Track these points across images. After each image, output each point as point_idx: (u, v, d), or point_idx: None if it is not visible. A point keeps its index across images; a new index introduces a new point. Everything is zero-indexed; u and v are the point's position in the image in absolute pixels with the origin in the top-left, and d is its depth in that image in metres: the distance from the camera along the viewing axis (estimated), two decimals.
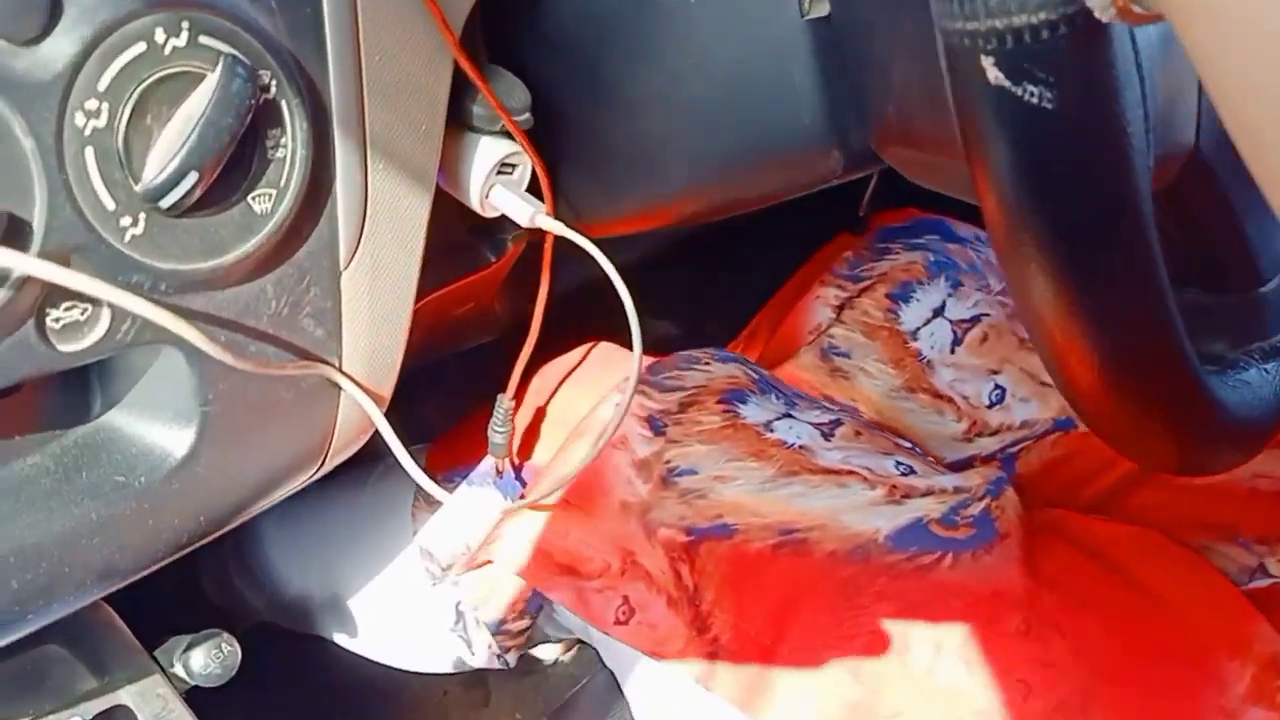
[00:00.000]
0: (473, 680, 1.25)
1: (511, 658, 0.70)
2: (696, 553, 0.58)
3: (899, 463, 0.60)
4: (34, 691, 0.58)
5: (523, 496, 0.64)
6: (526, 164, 0.54)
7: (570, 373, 0.70)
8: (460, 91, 0.49)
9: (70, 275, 0.33)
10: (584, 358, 0.71)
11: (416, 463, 0.75)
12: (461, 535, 0.68)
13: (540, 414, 0.69)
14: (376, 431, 0.49)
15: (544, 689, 1.27)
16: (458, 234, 0.60)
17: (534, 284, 0.61)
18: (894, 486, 0.58)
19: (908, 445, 0.65)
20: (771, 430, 0.62)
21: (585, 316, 0.75)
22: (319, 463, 0.47)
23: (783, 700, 0.55)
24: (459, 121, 0.51)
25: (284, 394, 0.44)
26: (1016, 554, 0.55)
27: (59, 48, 0.33)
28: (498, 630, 0.66)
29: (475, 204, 0.53)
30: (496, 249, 0.61)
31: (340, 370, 0.46)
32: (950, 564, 0.55)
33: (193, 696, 0.64)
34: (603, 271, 0.54)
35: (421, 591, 0.73)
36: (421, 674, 0.87)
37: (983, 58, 0.32)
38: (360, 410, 0.47)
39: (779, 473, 0.59)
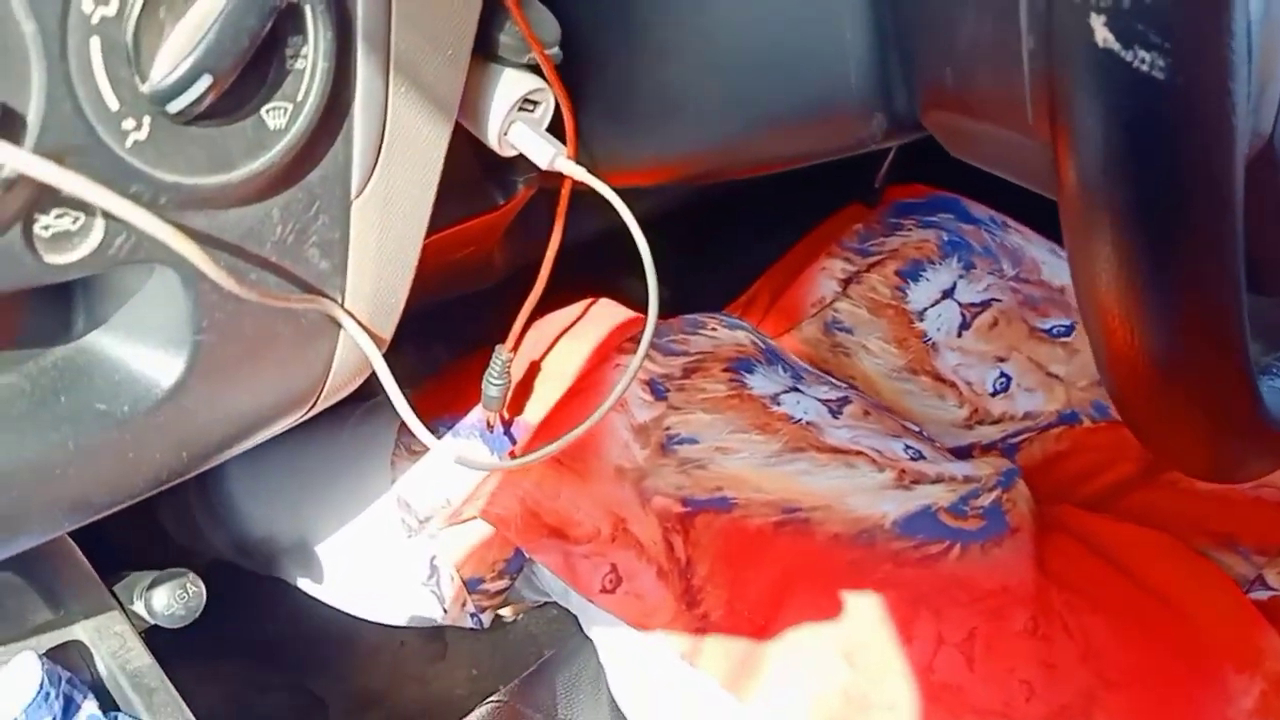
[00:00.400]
0: (431, 633, 1.23)
1: (486, 618, 0.68)
2: (692, 524, 0.56)
3: (908, 446, 0.58)
4: None
5: (512, 454, 0.61)
6: (550, 102, 0.51)
7: (568, 328, 0.67)
8: (488, 18, 0.46)
9: (69, 177, 0.29)
10: (583, 313, 0.68)
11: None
12: (444, 487, 0.65)
13: (534, 369, 0.66)
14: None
15: (502, 647, 1.25)
16: (468, 172, 0.57)
17: (537, 232, 0.58)
18: (903, 471, 0.56)
19: (915, 429, 0.63)
20: (779, 404, 0.60)
21: (585, 270, 0.72)
22: (311, 403, 0.44)
23: (773, 681, 0.53)
24: (483, 51, 0.48)
25: (281, 328, 0.40)
26: (1027, 549, 0.53)
27: None
28: (475, 589, 0.64)
29: (493, 140, 0.50)
30: (506, 191, 0.58)
31: (343, 307, 0.42)
32: (958, 555, 0.54)
33: (150, 635, 0.61)
34: (609, 224, 0.52)
35: (395, 542, 0.70)
36: (380, 623, 0.84)
37: (1094, 16, 0.30)
38: (359, 351, 0.44)
39: (785, 448, 0.57)
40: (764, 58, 0.49)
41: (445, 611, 0.69)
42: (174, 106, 0.33)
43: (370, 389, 0.55)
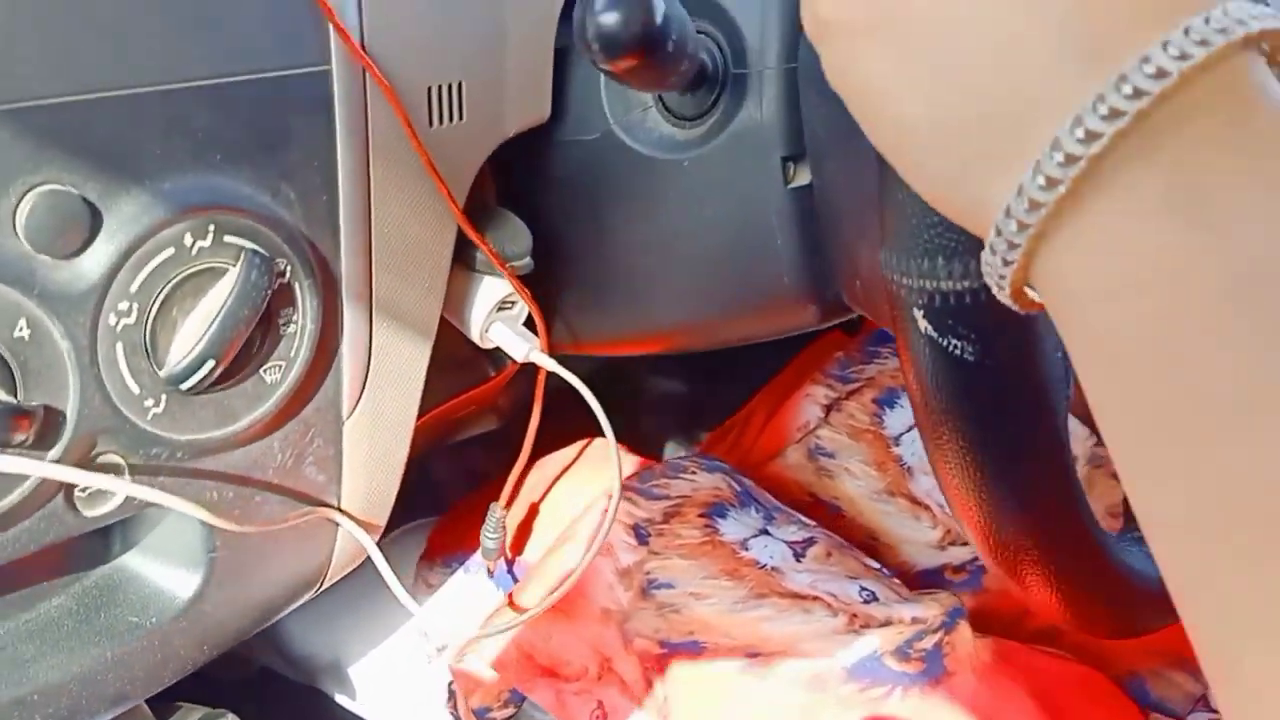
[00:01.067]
0: None
1: None
2: (668, 665, 0.61)
3: (863, 588, 0.63)
4: None
5: (511, 595, 0.68)
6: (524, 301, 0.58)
7: (565, 470, 0.74)
8: (466, 237, 0.53)
9: (86, 476, 0.37)
10: (579, 454, 0.75)
11: (420, 539, 0.79)
12: (455, 622, 0.72)
13: (534, 511, 0.73)
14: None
15: None
16: (462, 352, 0.63)
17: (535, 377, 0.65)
18: (854, 615, 0.61)
19: (875, 566, 0.68)
20: (747, 549, 0.66)
21: (584, 411, 0.79)
22: (316, 588, 0.51)
23: None
24: (465, 263, 0.55)
25: (285, 534, 0.47)
26: (963, 692, 0.58)
27: (97, 259, 0.37)
28: (483, 717, 0.70)
29: (476, 338, 0.57)
30: (497, 364, 0.65)
31: (339, 509, 0.49)
32: (900, 697, 0.58)
33: None
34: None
35: (417, 667, 0.77)
36: None
37: (915, 309, 0.36)
38: (355, 540, 0.51)
39: (750, 594, 0.63)
40: (708, 257, 0.56)
41: None
42: (185, 385, 0.40)
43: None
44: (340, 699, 0.89)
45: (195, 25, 0.38)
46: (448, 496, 0.88)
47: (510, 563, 0.72)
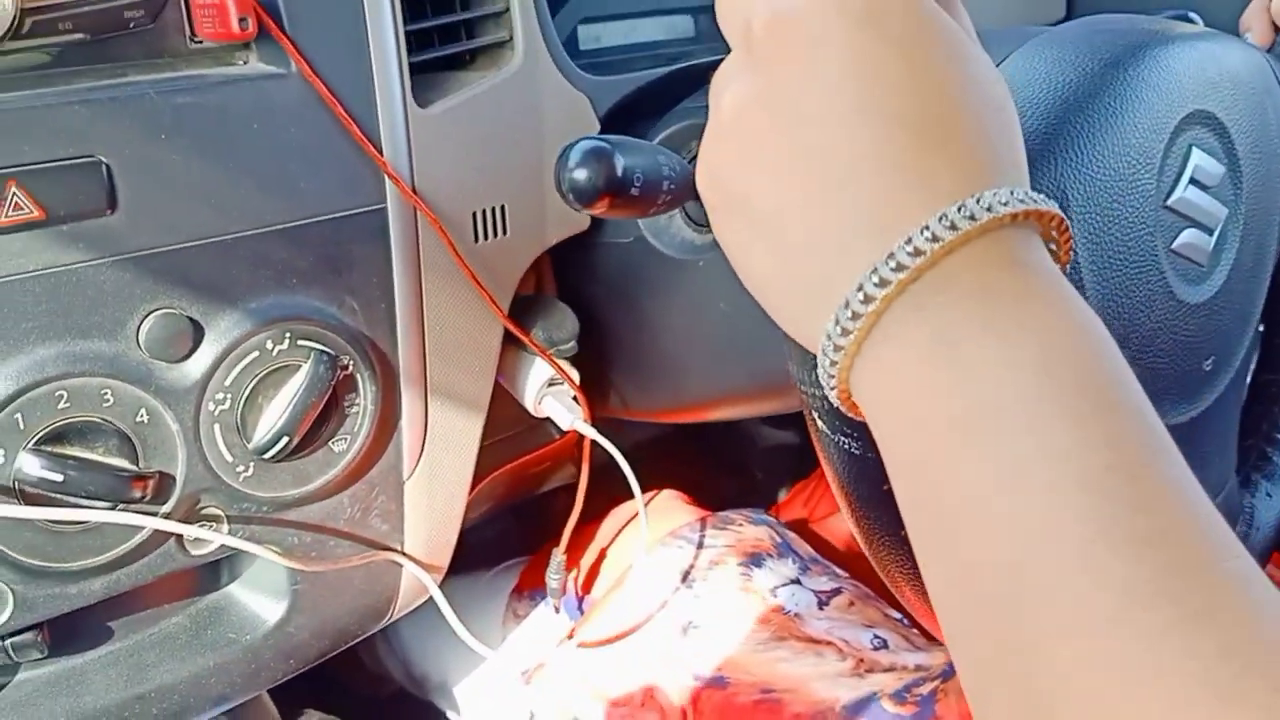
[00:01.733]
0: None
1: None
2: (699, 697, 0.70)
3: (876, 635, 0.70)
4: None
5: (574, 628, 0.78)
6: (575, 377, 0.68)
7: (633, 518, 0.83)
8: (524, 324, 0.63)
9: (183, 527, 0.49)
10: (647, 503, 0.84)
11: (513, 577, 0.90)
12: (533, 649, 0.82)
13: (603, 554, 0.82)
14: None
15: None
16: (528, 418, 0.74)
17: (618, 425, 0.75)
18: (861, 660, 0.68)
19: (896, 616, 0.74)
20: (775, 595, 0.73)
21: (657, 463, 0.88)
22: (386, 619, 0.62)
23: None
24: (521, 346, 0.66)
25: (355, 574, 0.59)
26: None
27: (199, 363, 0.49)
28: None
29: (531, 409, 0.68)
30: (561, 430, 0.75)
31: (402, 553, 0.60)
32: None
33: None
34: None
35: (509, 688, 0.88)
36: None
37: (813, 411, 0.44)
38: (419, 580, 0.62)
39: (771, 637, 0.71)
40: (726, 345, 0.65)
41: None
42: (268, 455, 0.52)
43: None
44: (452, 716, 1.01)
45: (275, 182, 0.49)
46: (538, 540, 0.99)
47: (580, 599, 0.82)
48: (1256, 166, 0.53)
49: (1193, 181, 0.51)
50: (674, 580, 0.76)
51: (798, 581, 0.75)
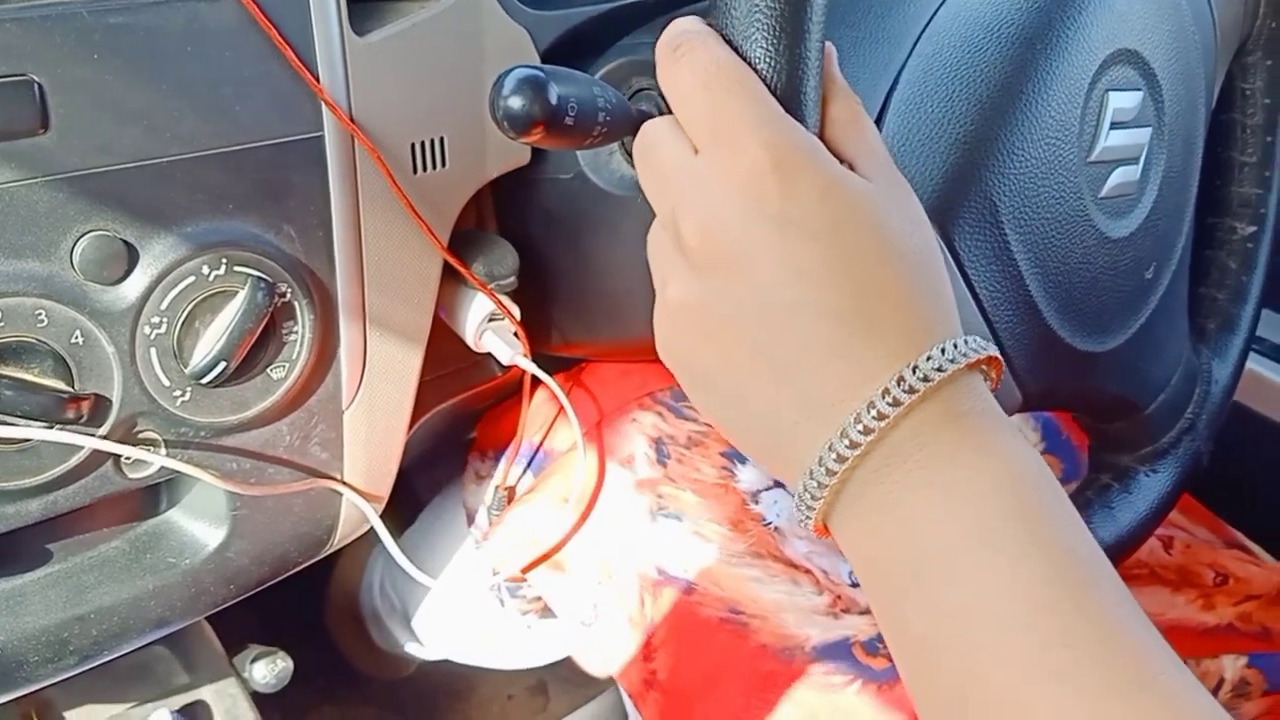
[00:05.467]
0: (536, 687, 1.41)
1: (531, 619, 0.82)
2: (660, 593, 0.68)
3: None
4: (141, 681, 0.76)
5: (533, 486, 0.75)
6: (515, 312, 0.69)
7: (606, 372, 0.79)
8: (464, 258, 0.64)
9: (123, 448, 0.49)
10: (622, 366, 0.79)
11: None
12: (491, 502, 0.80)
13: (572, 401, 0.77)
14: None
15: (595, 692, 1.41)
16: (469, 354, 0.75)
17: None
18: (839, 597, 0.66)
19: None
20: (757, 502, 0.70)
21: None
22: (327, 547, 0.63)
23: None
24: (462, 280, 0.66)
25: (295, 500, 0.59)
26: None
27: (134, 285, 0.49)
28: (515, 594, 0.79)
29: (471, 344, 0.68)
30: (503, 365, 0.76)
31: (342, 482, 0.61)
32: (858, 690, 0.62)
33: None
34: None
35: (469, 555, 0.86)
36: (488, 676, 1.03)
37: None
38: (359, 509, 0.63)
39: (747, 551, 0.67)
40: None
41: (504, 609, 0.84)
42: (205, 380, 0.52)
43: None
44: (425, 641, 1.00)
45: (209, 106, 0.50)
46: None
47: (535, 449, 0.79)
48: (1171, 65, 0.54)
49: (1113, 126, 0.52)
50: (648, 449, 0.72)
51: (781, 485, 0.71)
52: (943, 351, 0.36)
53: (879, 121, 0.50)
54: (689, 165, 0.39)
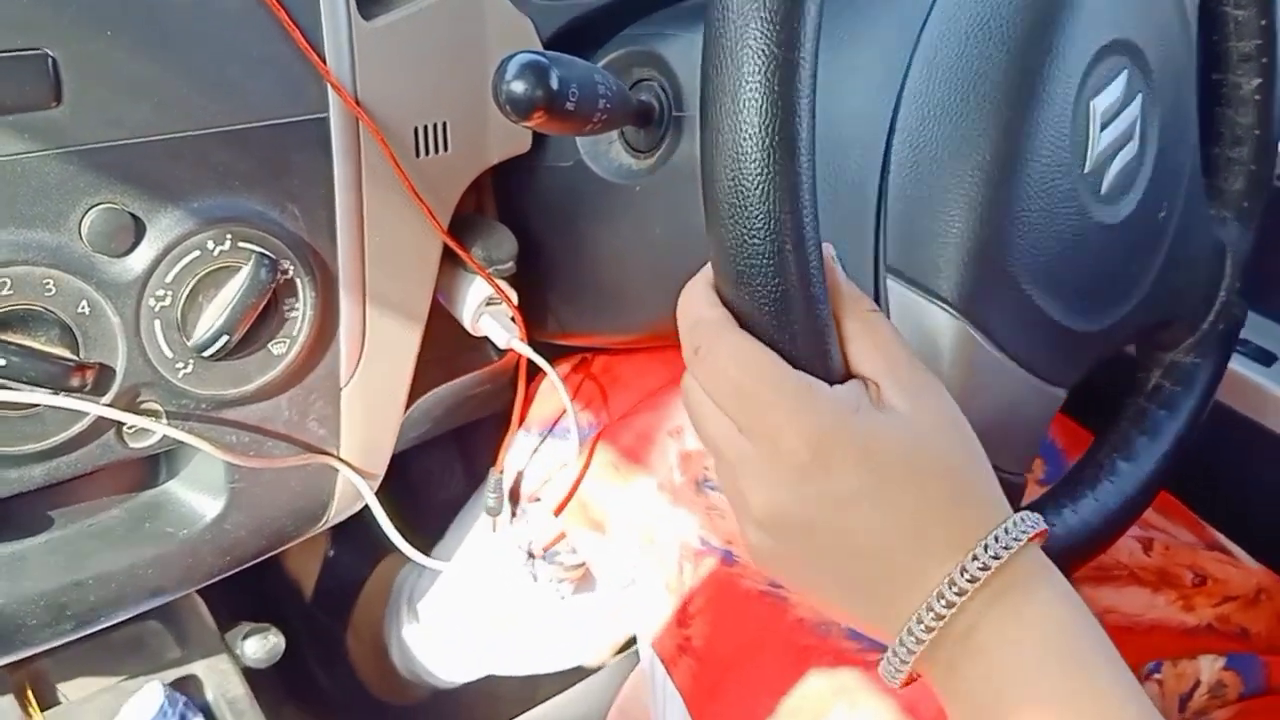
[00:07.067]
0: (524, 680, 1.42)
1: (565, 589, 0.82)
2: (701, 562, 0.68)
3: None
4: (134, 655, 0.77)
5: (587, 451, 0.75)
6: (513, 297, 0.70)
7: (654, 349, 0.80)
8: (465, 242, 0.65)
9: (126, 416, 0.50)
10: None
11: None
12: (539, 472, 0.79)
13: (616, 376, 0.80)
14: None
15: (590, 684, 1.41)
16: (467, 338, 0.76)
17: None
18: None
19: None
20: None
21: None
22: (322, 522, 0.64)
23: (720, 718, 0.67)
24: (461, 265, 0.68)
25: (292, 475, 0.61)
26: None
27: (140, 258, 0.50)
28: (553, 560, 0.79)
29: (469, 327, 0.69)
30: (500, 349, 0.77)
31: (338, 458, 0.62)
32: None
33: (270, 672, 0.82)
34: None
35: (501, 533, 0.84)
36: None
37: None
38: (354, 486, 0.64)
39: None
40: (660, 272, 0.67)
41: (536, 582, 0.83)
42: (207, 353, 0.53)
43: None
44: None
45: (218, 84, 0.51)
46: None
47: (594, 424, 0.79)
48: (1158, 36, 0.54)
49: (1103, 126, 0.53)
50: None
51: None
52: (997, 539, 0.40)
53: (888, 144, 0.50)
54: (739, 446, 0.42)
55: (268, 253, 0.53)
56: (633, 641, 0.98)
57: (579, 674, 1.21)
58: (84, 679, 0.74)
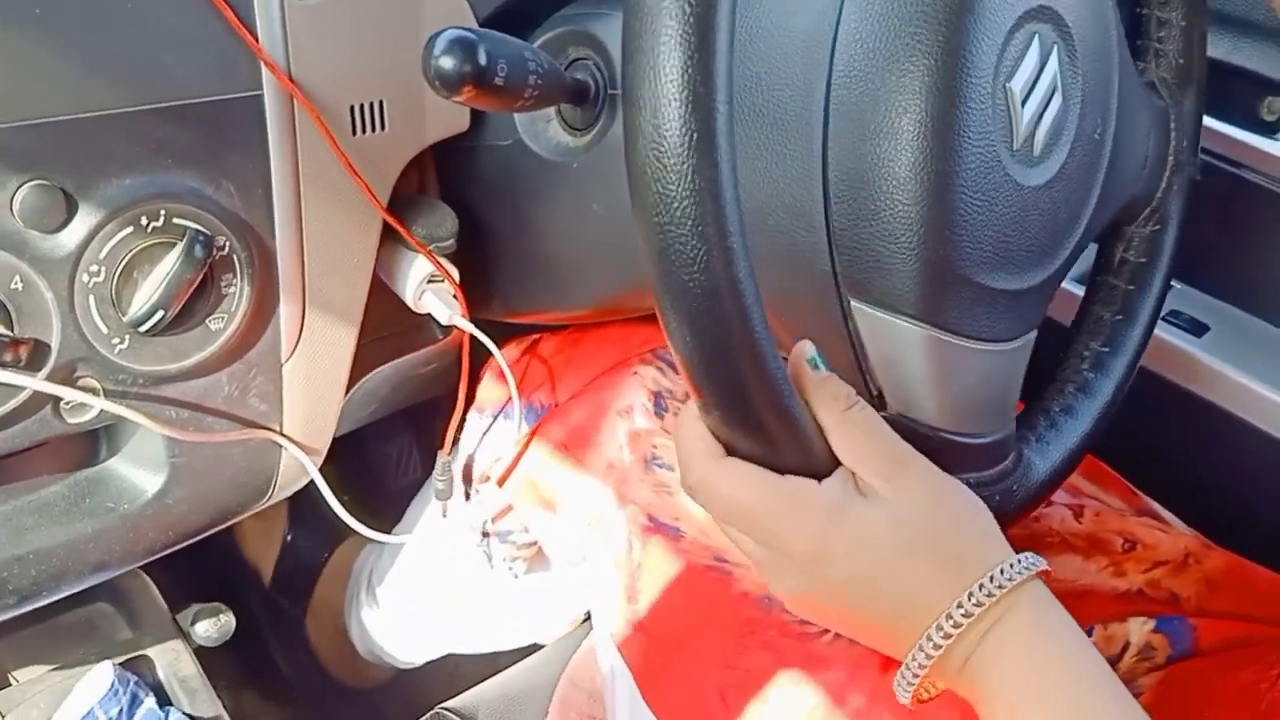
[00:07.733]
0: (486, 657, 1.43)
1: (519, 567, 0.84)
2: (649, 539, 0.69)
3: None
4: (86, 638, 0.77)
5: (535, 429, 0.76)
6: (455, 274, 0.71)
7: (608, 330, 0.81)
8: (405, 220, 0.66)
9: (61, 390, 0.51)
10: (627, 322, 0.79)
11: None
12: (488, 454, 0.80)
13: (569, 357, 0.80)
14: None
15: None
16: (411, 316, 0.77)
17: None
18: None
19: None
20: None
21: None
22: (265, 498, 0.65)
23: (668, 692, 0.68)
24: (403, 243, 0.68)
25: (234, 450, 0.61)
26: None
27: (73, 234, 0.51)
28: (505, 539, 0.81)
29: (411, 304, 0.70)
30: (444, 328, 0.78)
31: (280, 434, 0.63)
32: (830, 640, 0.64)
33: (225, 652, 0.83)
34: None
35: (455, 512, 0.84)
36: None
37: None
38: (298, 461, 0.65)
39: None
40: (599, 247, 0.68)
41: (492, 566, 0.84)
42: (143, 328, 0.54)
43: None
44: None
45: (149, 61, 0.51)
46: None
47: (527, 403, 0.79)
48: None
49: (1024, 102, 0.53)
50: (646, 402, 0.73)
51: None
52: (981, 587, 0.47)
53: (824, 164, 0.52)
54: (753, 551, 0.50)
55: (202, 229, 0.54)
56: (589, 617, 0.99)
57: (538, 650, 1.22)
58: (35, 666, 0.75)
